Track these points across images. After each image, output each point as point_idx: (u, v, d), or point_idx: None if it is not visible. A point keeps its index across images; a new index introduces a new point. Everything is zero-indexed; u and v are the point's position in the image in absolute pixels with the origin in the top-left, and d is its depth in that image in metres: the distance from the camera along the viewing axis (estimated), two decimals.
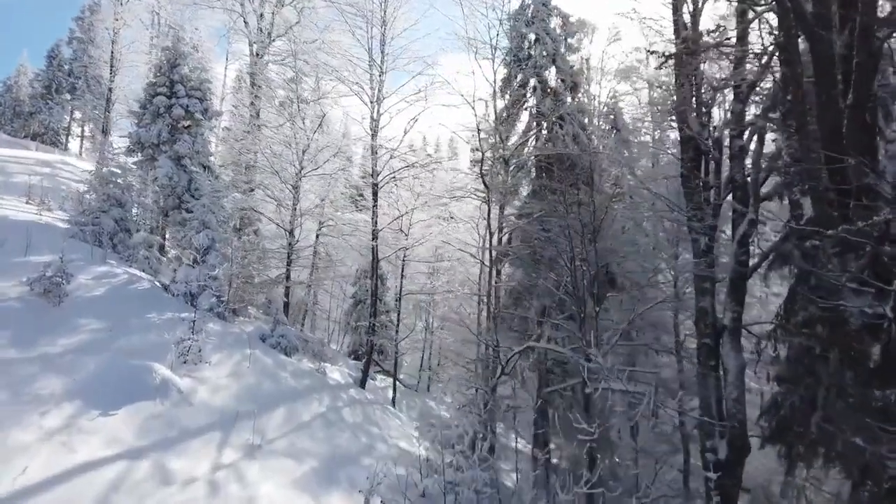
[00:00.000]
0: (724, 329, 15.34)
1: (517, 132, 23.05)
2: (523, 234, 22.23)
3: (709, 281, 15.64)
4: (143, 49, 34.71)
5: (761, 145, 15.39)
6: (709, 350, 15.47)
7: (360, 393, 18.24)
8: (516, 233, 22.46)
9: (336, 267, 25.37)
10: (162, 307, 15.15)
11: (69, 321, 12.22)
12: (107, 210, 18.63)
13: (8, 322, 11.21)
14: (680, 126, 16.35)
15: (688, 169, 16.08)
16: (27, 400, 9.18)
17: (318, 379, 16.72)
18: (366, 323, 24.75)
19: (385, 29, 20.50)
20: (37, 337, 11.18)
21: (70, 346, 11.39)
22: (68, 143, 58.80)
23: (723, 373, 15.51)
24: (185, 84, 22.96)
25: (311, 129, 20.86)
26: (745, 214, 15.19)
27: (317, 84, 22.52)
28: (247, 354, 14.80)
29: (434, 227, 22.28)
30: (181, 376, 11.90)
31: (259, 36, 25.96)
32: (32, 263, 13.76)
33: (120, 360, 11.29)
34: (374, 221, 20.15)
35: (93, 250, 16.56)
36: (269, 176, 22.77)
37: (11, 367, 9.93)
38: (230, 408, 11.77)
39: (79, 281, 13.76)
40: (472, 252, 21.76)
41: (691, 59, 16.41)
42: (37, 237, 15.28)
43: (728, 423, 14.81)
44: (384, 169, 20.56)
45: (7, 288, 12.37)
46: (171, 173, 21.74)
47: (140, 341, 12.72)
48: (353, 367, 21.70)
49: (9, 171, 27.37)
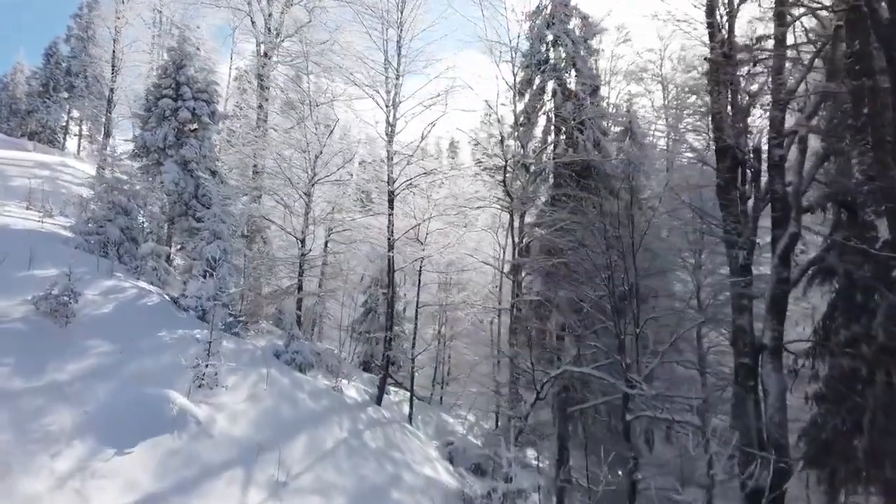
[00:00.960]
0: (764, 348, 14.64)
1: (535, 137, 22.24)
2: (541, 244, 21.49)
3: (747, 297, 14.92)
4: (145, 48, 33.77)
5: (803, 155, 14.64)
6: (747, 370, 14.75)
7: (378, 411, 17.48)
8: (533, 242, 21.70)
9: (346, 275, 24.56)
10: (173, 324, 14.37)
11: (77, 343, 11.43)
12: (112, 219, 17.82)
13: (12, 346, 10.41)
14: (716, 135, 15.62)
15: (725, 179, 15.37)
16: (36, 438, 8.40)
17: (336, 398, 15.96)
18: (379, 334, 23.98)
19: (402, 30, 19.68)
20: (43, 363, 10.39)
21: (79, 372, 10.60)
22: (66, 142, 57.95)
23: (762, 394, 14.82)
24: (191, 86, 22.14)
25: (323, 134, 20.04)
26: (786, 227, 14.47)
27: (328, 86, 21.60)
28: (263, 375, 14.04)
29: (451, 235, 21.43)
30: (197, 403, 11.13)
31: (267, 36, 25.11)
32: (37, 278, 13.00)
33: (133, 387, 10.52)
34: (389, 230, 19.31)
35: (98, 262, 15.76)
36: (277, 181, 21.94)
37: (18, 400, 9.14)
38: (251, 438, 11.00)
39: (86, 297, 12.94)
40: (492, 263, 20.97)
41: (727, 63, 15.70)
42: (40, 249, 14.46)
43: (769, 448, 14.08)
44: (400, 176, 19.75)
45: (11, 307, 11.56)
46: (177, 179, 20.94)
47: (152, 364, 11.93)
48: (367, 382, 20.95)
49: (7, 175, 26.54)
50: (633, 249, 14.45)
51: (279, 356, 16.45)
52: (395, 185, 19.58)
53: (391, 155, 19.58)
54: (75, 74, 55.70)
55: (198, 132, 22.06)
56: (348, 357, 25.16)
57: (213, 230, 16.64)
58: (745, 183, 15.57)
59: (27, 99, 55.14)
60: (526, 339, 19.47)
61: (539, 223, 21.49)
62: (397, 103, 19.75)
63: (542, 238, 19.93)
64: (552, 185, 22.89)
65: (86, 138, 59.08)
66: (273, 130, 22.72)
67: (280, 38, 25.35)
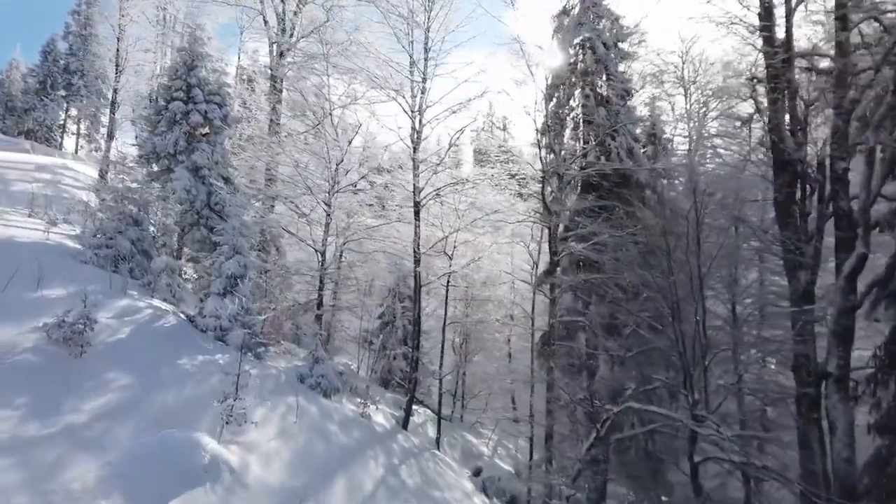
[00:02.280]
0: (828, 377, 13.62)
1: (566, 146, 21.17)
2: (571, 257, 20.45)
3: (810, 322, 13.90)
4: (149, 47, 32.60)
5: (871, 168, 13.60)
6: (811, 401, 13.74)
7: (407, 438, 16.43)
8: (564, 256, 20.60)
9: (364, 286, 23.51)
10: (192, 348, 13.31)
11: (94, 376, 10.35)
12: (123, 230, 16.73)
13: (25, 383, 9.33)
14: (774, 148, 14.60)
15: (784, 194, 14.35)
16: (57, 500, 7.32)
17: (365, 427, 14.89)
18: (398, 350, 22.94)
19: (428, 31, 18.58)
20: (59, 402, 9.30)
21: (98, 411, 9.52)
22: (63, 141, 56.64)
23: (827, 426, 13.79)
24: (202, 88, 20.99)
25: (345, 140, 18.94)
26: (852, 247, 13.46)
27: (346, 89, 20.42)
28: (290, 404, 12.99)
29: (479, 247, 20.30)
30: (227, 445, 10.07)
31: (281, 36, 23.98)
32: (46, 300, 11.97)
33: (158, 429, 9.44)
34: (416, 243, 18.18)
35: (111, 278, 14.67)
36: (294, 189, 20.84)
37: (34, 450, 8.07)
38: (287, 485, 9.94)
39: (100, 321, 11.81)
40: (527, 280, 19.86)
41: (785, 71, 14.70)
42: (48, 264, 13.34)
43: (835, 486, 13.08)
44: (426, 185, 18.65)
45: (21, 335, 10.46)
46: (189, 186, 19.80)
47: (175, 399, 10.87)
48: (390, 403, 19.84)
49: (7, 179, 25.44)
50: (701, 277, 13.29)
51: (303, 380, 15.37)
52: (420, 196, 18.49)
53: (417, 163, 18.48)
54: (73, 72, 54.43)
55: (209, 137, 20.93)
56: (365, 371, 24.08)
57: (232, 244, 15.52)
58: (805, 198, 14.55)
59: (24, 97, 53.84)
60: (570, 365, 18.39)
61: (567, 236, 20.36)
62: (423, 109, 18.67)
63: (577, 252, 18.80)
64: (580, 194, 21.86)
65: (84, 137, 57.75)
66: (288, 135, 21.56)
67: (295, 37, 24.23)
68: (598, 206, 19.47)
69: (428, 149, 19.94)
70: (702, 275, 13.23)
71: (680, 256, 13.39)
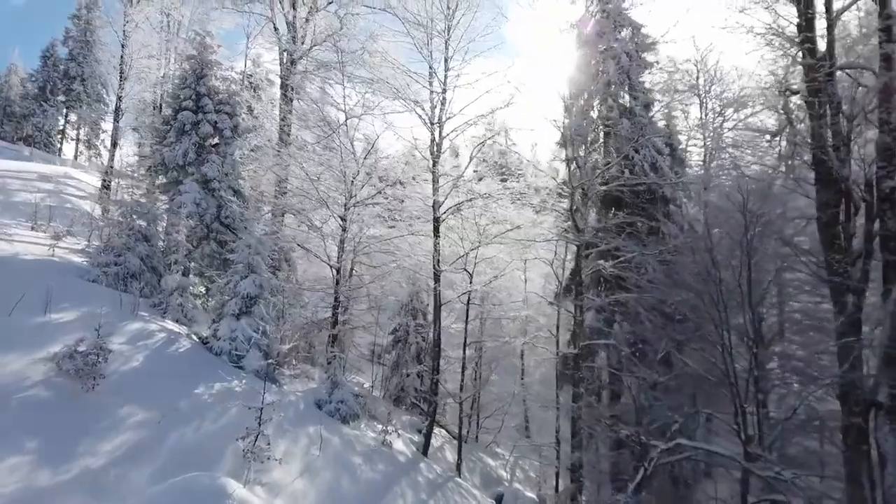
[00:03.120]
0: (878, 407, 12.94)
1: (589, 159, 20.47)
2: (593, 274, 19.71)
3: (857, 348, 13.21)
4: (153, 53, 31.84)
5: None
6: (859, 432, 13.04)
7: (429, 466, 15.68)
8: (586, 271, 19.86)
9: (374, 298, 22.80)
10: (208, 375, 12.61)
11: (109, 413, 9.64)
12: (132, 247, 16.02)
13: (36, 423, 8.62)
14: (818, 165, 13.92)
15: (828, 215, 13.68)
16: None
17: (387, 456, 14.16)
18: (412, 369, 22.19)
19: (448, 40, 17.91)
20: (73, 443, 8.60)
21: (115, 453, 8.80)
22: (62, 147, 55.87)
23: (877, 457, 13.10)
24: (212, 97, 20.35)
25: (361, 153, 18.25)
26: None
27: (360, 99, 19.66)
28: (311, 435, 12.31)
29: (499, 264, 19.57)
30: (251, 487, 9.35)
31: (292, 44, 23.31)
32: (55, 325, 11.34)
33: (178, 472, 8.71)
34: (435, 260, 17.44)
35: (121, 299, 13.96)
36: (306, 202, 20.13)
37: (47, 501, 7.35)
38: None
39: (113, 348, 11.08)
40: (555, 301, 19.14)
41: (827, 84, 14.06)
42: (55, 285, 12.59)
43: None
44: (446, 200, 17.94)
45: (30, 366, 9.77)
46: (198, 199, 19.15)
47: (194, 436, 10.16)
48: (407, 426, 19.07)
49: (9, 189, 24.68)
50: (752, 304, 12.54)
51: (321, 406, 14.65)
52: (440, 211, 17.79)
53: (437, 177, 17.79)
54: (73, 77, 53.71)
55: (219, 147, 20.27)
56: (379, 391, 23.36)
57: (247, 263, 14.82)
58: (849, 218, 13.87)
59: (22, 102, 53.06)
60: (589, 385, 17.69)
61: (588, 252, 19.59)
62: (443, 121, 17.98)
63: (605, 270, 18.07)
64: (600, 209, 21.21)
65: (83, 143, 56.99)
66: (301, 146, 20.85)
67: (306, 45, 23.55)
68: (627, 223, 18.81)
69: (445, 161, 19.21)
70: (753, 302, 12.50)
71: (728, 279, 12.67)
